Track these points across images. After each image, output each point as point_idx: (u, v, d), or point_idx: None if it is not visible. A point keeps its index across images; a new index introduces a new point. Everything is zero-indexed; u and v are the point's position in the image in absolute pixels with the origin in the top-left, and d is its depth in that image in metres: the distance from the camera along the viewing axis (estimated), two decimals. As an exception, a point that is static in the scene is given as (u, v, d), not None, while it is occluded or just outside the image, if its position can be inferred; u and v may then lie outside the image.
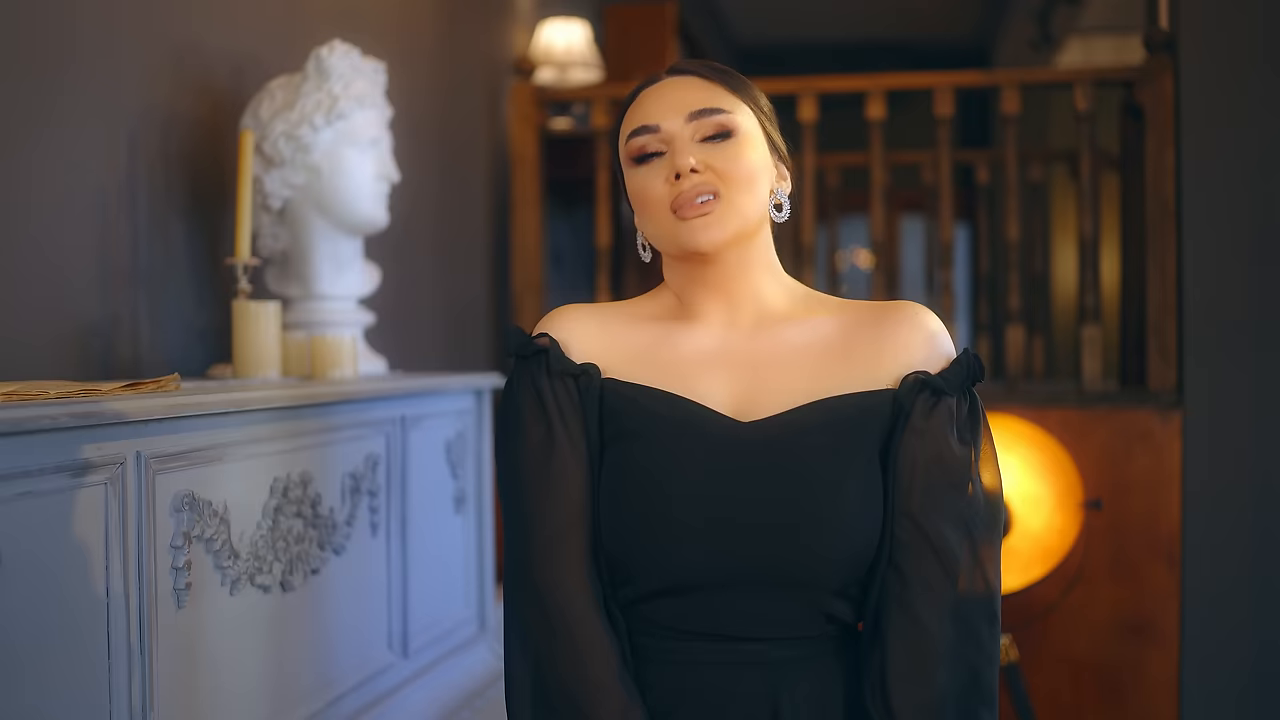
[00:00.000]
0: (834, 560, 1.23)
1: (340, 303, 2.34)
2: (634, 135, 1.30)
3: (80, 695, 1.31)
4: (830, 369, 1.29)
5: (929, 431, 1.26)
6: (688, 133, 1.28)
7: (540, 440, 1.29)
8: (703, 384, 1.30)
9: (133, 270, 2.12)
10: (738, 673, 1.25)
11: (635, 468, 1.26)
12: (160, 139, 2.19)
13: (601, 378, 1.31)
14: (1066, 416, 3.44)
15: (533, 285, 3.85)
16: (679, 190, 1.26)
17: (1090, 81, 3.49)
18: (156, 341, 2.19)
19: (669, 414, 1.28)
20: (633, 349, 1.33)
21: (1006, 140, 3.58)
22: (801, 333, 1.32)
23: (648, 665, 1.28)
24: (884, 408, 1.27)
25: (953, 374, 1.28)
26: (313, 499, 1.79)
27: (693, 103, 1.29)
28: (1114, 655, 3.44)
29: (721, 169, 1.27)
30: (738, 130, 1.29)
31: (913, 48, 8.20)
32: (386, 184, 2.33)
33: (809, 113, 3.63)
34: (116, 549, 1.36)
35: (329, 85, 2.23)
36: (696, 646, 1.26)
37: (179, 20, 2.26)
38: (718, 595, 1.23)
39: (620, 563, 1.27)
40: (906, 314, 1.32)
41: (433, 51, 3.51)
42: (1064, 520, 3.13)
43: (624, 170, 1.33)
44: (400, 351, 3.12)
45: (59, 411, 1.25)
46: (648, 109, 1.31)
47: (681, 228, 1.27)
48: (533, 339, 1.32)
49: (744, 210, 1.28)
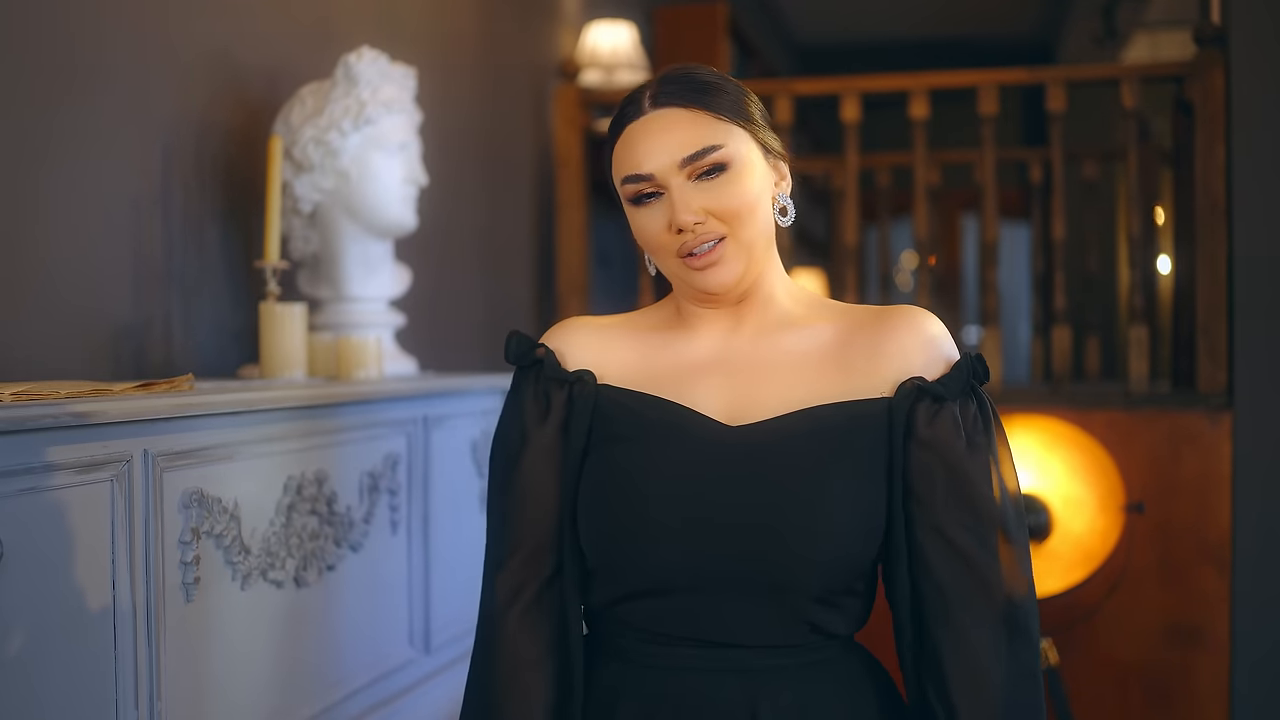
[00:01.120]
0: (812, 566, 1.21)
1: (370, 304, 2.38)
2: (626, 182, 1.27)
3: (86, 684, 1.36)
4: (825, 376, 1.28)
5: (937, 442, 1.24)
6: (682, 176, 1.25)
7: (514, 453, 1.32)
8: (697, 390, 1.30)
9: (166, 274, 2.18)
10: (717, 679, 1.24)
11: (617, 469, 1.27)
12: (194, 146, 2.25)
13: (596, 384, 1.32)
14: (1113, 418, 3.39)
15: (577, 287, 3.88)
16: (682, 241, 1.25)
17: (1138, 78, 3.43)
18: (190, 343, 2.25)
19: (656, 417, 1.28)
20: (631, 358, 1.34)
21: (1052, 138, 3.53)
22: (800, 339, 1.31)
23: (628, 668, 1.28)
24: (878, 416, 1.26)
25: (952, 379, 1.26)
26: (328, 497, 1.83)
27: (684, 145, 1.25)
28: (1162, 661, 3.38)
29: (721, 209, 1.25)
30: (732, 162, 1.26)
31: (975, 45, 8.11)
32: (415, 188, 2.37)
33: (852, 113, 3.61)
34: (123, 543, 1.41)
35: (357, 91, 2.27)
36: (676, 651, 1.26)
37: (213, 31, 2.32)
38: (696, 598, 1.23)
39: (599, 563, 1.27)
40: (905, 318, 1.30)
41: (475, 55, 3.55)
42: (1106, 523, 3.09)
43: (623, 204, 1.31)
44: (443, 353, 3.17)
45: (60, 410, 1.29)
46: (637, 153, 1.27)
47: (693, 276, 1.27)
48: (532, 348, 1.34)
49: (751, 242, 1.28)
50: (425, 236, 3.11)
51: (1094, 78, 3.77)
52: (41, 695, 1.30)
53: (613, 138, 1.32)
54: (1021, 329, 7.41)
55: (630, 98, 1.32)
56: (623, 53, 4.18)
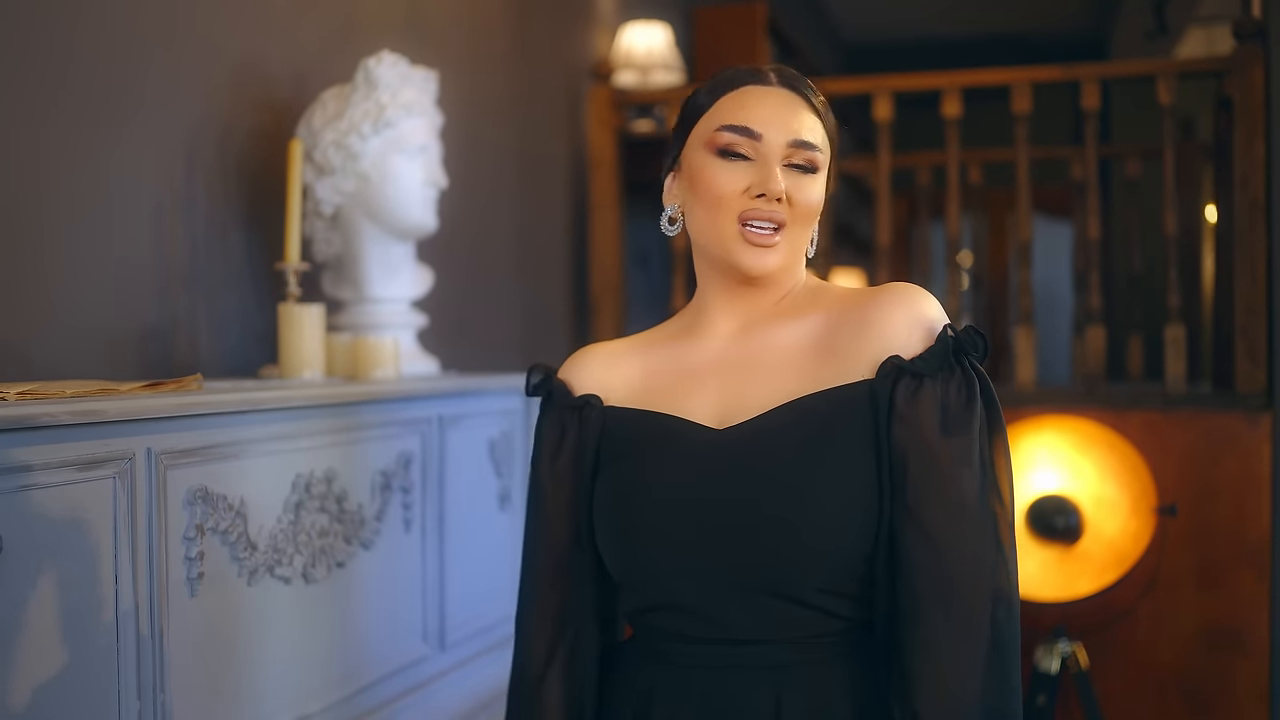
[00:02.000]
0: (809, 558, 1.20)
1: (391, 305, 2.42)
2: (729, 130, 1.29)
3: (88, 677, 1.40)
4: (813, 365, 1.28)
5: (915, 420, 1.20)
6: (781, 154, 1.28)
7: (536, 481, 1.41)
8: (692, 397, 1.32)
9: (191, 276, 2.23)
10: (741, 675, 1.26)
11: (620, 485, 1.31)
12: (219, 150, 2.30)
13: (602, 407, 1.37)
14: (1149, 419, 3.34)
15: (611, 287, 3.89)
16: (754, 206, 1.27)
17: (1174, 74, 3.38)
18: (215, 345, 2.30)
19: (650, 431, 1.32)
20: (636, 375, 1.38)
21: (1087, 136, 3.49)
22: (791, 333, 1.31)
23: (663, 669, 1.30)
24: (860, 399, 1.23)
25: (933, 354, 1.22)
26: (338, 494, 1.86)
27: (799, 130, 1.29)
28: (1200, 666, 3.33)
29: (796, 201, 1.28)
30: (820, 169, 1.31)
31: (1025, 42, 8.01)
32: (435, 189, 2.40)
33: (884, 112, 3.60)
34: (125, 539, 1.45)
35: (377, 94, 2.31)
36: (706, 650, 1.28)
37: (239, 36, 2.37)
38: (709, 602, 1.25)
39: (620, 577, 1.33)
40: (893, 295, 1.27)
41: (507, 57, 3.58)
42: (1138, 525, 3.05)
43: (692, 150, 1.32)
44: (476, 353, 3.21)
45: (60, 409, 1.33)
46: (753, 112, 1.29)
47: (742, 248, 1.29)
48: (546, 379, 1.42)
49: (799, 243, 1.32)
50: (458, 237, 3.14)
51: (1130, 74, 3.72)
52: (43, 688, 1.34)
53: (719, 91, 1.33)
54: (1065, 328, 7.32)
55: (748, 69, 1.35)
56: (658, 53, 4.19)
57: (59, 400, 1.38)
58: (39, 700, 1.33)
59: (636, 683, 1.33)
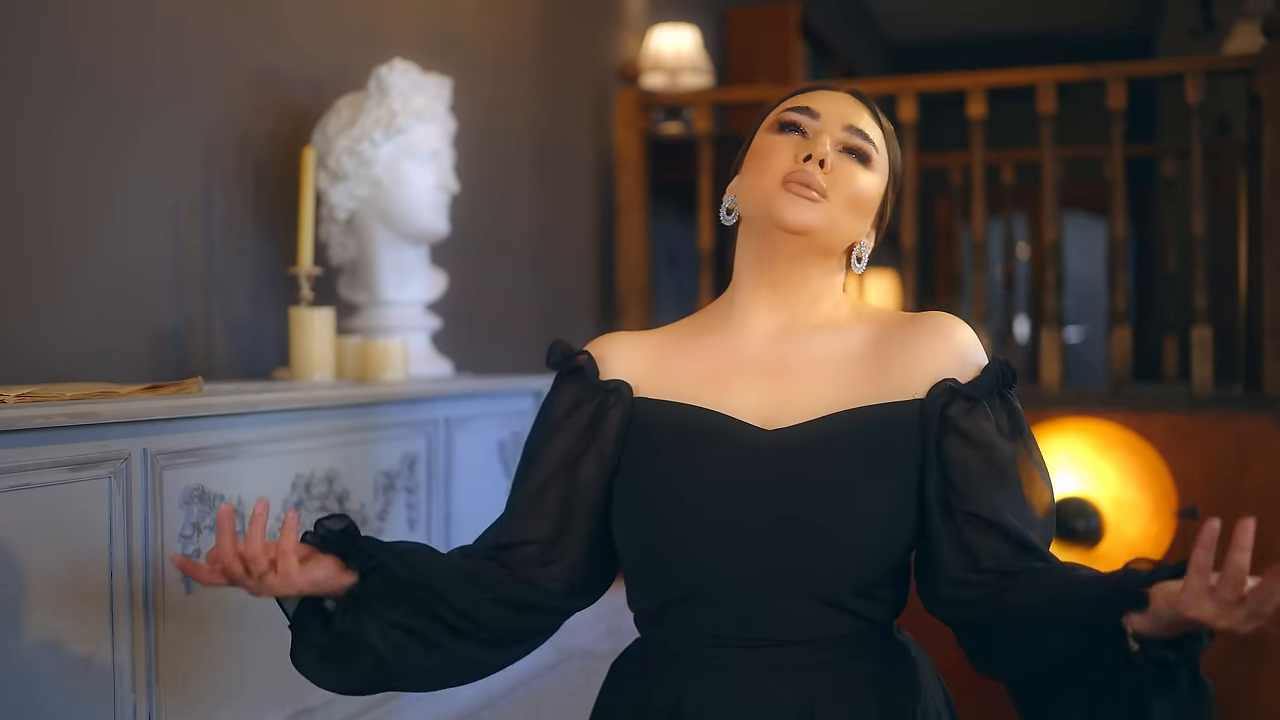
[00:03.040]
0: (851, 564, 1.26)
1: (405, 308, 2.46)
2: (791, 109, 1.35)
3: (83, 670, 1.45)
4: (860, 379, 1.33)
5: (975, 433, 1.28)
6: (837, 137, 1.33)
7: (535, 445, 1.40)
8: (734, 393, 1.34)
9: (208, 280, 2.29)
10: (774, 678, 1.28)
11: (658, 478, 1.31)
12: (237, 156, 2.36)
13: (632, 396, 1.37)
14: (1174, 421, 3.31)
15: (637, 289, 3.92)
16: (799, 168, 1.30)
17: (1202, 72, 3.35)
18: (232, 347, 2.36)
19: (695, 425, 1.32)
20: (670, 368, 1.38)
21: (1113, 136, 3.46)
22: (834, 342, 1.35)
23: (689, 672, 1.31)
24: (911, 418, 1.30)
25: (983, 381, 1.30)
26: (339, 494, 1.91)
27: (855, 119, 1.35)
28: (1224, 673, 3.29)
29: (841, 181, 1.32)
30: (872, 164, 1.34)
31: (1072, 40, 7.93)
32: (446, 194, 2.44)
33: (908, 112, 3.59)
34: (121, 536, 1.50)
35: (388, 101, 2.35)
36: (735, 653, 1.29)
37: (259, 43, 2.43)
38: (743, 600, 1.27)
39: (644, 571, 1.33)
40: (936, 324, 1.35)
41: (533, 60, 3.62)
42: (1160, 528, 3.03)
43: (756, 137, 1.37)
44: (500, 355, 3.25)
45: (53, 412, 1.39)
46: (817, 99, 1.37)
47: (781, 196, 1.30)
48: (573, 355, 1.41)
49: (836, 224, 1.33)
50: (480, 240, 3.19)
51: (1156, 73, 3.68)
52: (39, 681, 1.39)
53: (794, 94, 1.40)
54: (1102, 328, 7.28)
55: (826, 83, 1.43)
56: (686, 56, 4.21)
57: (55, 403, 1.43)
58: (36, 696, 1.39)
59: (661, 685, 1.32)
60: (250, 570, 1.19)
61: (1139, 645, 1.08)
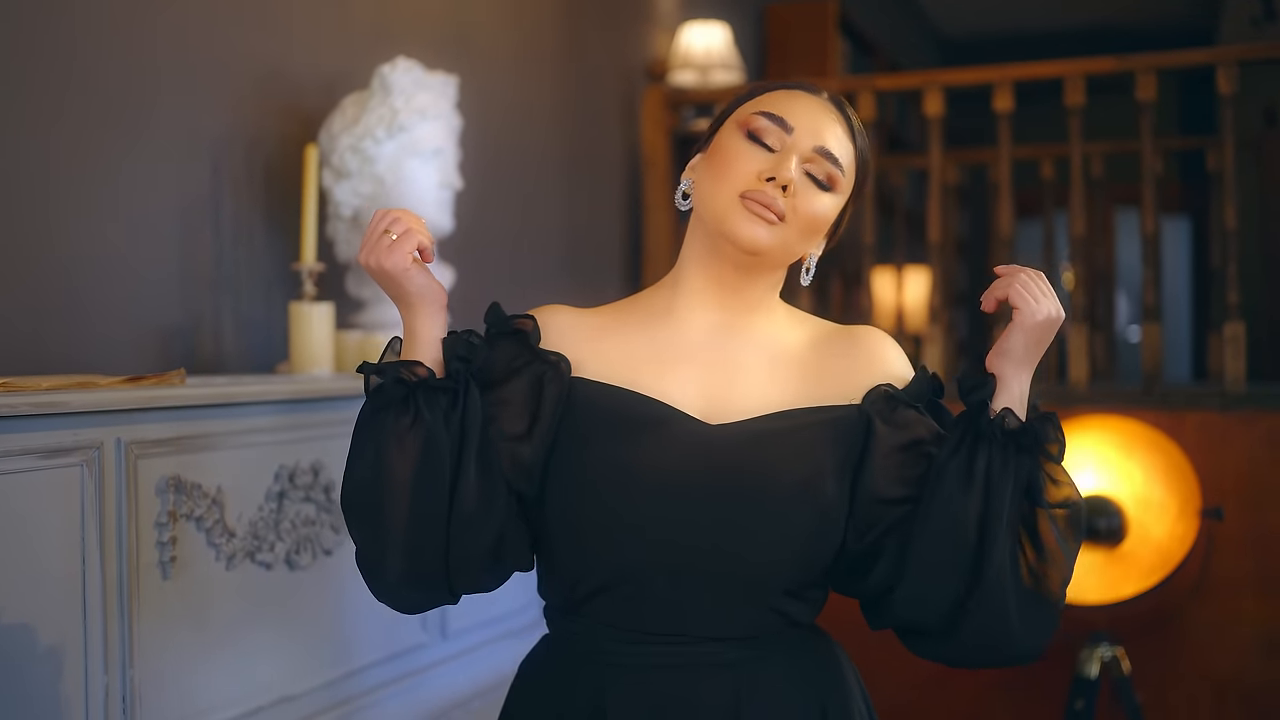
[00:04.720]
0: (786, 563, 1.28)
1: (410, 304, 2.49)
2: (764, 116, 1.32)
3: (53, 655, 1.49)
4: (799, 381, 1.35)
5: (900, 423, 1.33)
6: (805, 156, 1.31)
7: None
8: (674, 382, 1.33)
9: (216, 276, 2.34)
10: (700, 675, 1.29)
11: (596, 461, 1.29)
12: (246, 153, 2.41)
13: (570, 374, 1.35)
14: (1206, 419, 3.24)
15: (665, 286, 3.92)
16: (760, 189, 1.29)
17: (1234, 62, 3.27)
18: (238, 342, 2.41)
19: (637, 410, 1.31)
20: (609, 349, 1.37)
21: (1142, 129, 3.39)
22: (774, 344, 1.37)
23: (609, 670, 1.31)
24: (849, 421, 1.33)
25: (914, 388, 1.36)
26: (325, 485, 1.94)
27: (829, 140, 1.33)
28: (1261, 676, 3.22)
29: (801, 207, 1.31)
30: (834, 190, 1.34)
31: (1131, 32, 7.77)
32: (450, 192, 2.47)
33: (934, 107, 3.55)
34: (93, 524, 1.54)
35: (391, 100, 2.38)
36: (653, 650, 1.29)
37: (267, 40, 2.48)
38: (673, 592, 1.27)
39: (574, 554, 1.30)
40: (872, 338, 1.40)
41: (558, 58, 3.64)
42: (1185, 528, 2.96)
43: (725, 130, 1.35)
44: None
45: (20, 401, 1.43)
46: (794, 107, 1.33)
47: (737, 211, 1.29)
48: (511, 318, 1.38)
49: (790, 246, 1.33)
50: (506, 237, 3.22)
51: (1187, 64, 3.60)
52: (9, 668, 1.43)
53: (769, 89, 1.38)
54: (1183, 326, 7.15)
55: (803, 82, 1.42)
56: (716, 53, 4.20)
57: (26, 393, 1.48)
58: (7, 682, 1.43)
59: (580, 682, 1.32)
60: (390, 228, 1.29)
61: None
